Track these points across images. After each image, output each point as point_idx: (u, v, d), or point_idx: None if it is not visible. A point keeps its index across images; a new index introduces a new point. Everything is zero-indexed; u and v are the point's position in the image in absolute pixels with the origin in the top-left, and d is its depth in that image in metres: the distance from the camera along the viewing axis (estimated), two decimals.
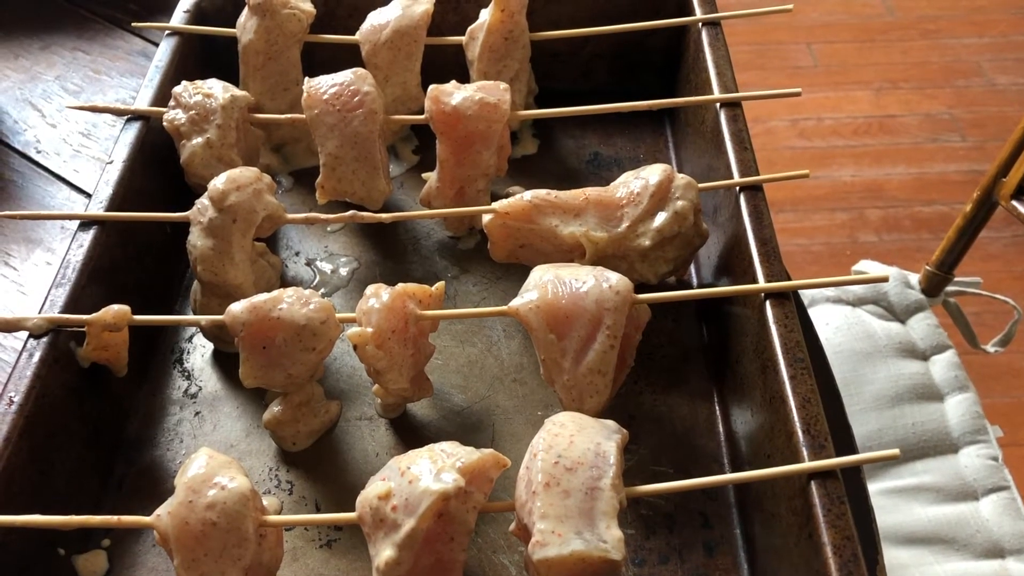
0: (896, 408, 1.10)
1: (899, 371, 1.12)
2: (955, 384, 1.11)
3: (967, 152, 2.06)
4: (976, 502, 1.03)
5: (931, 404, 1.10)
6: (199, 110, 0.69)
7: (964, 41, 2.33)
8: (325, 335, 0.55)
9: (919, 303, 1.17)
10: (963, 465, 1.06)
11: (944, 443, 1.07)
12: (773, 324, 0.55)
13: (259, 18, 0.75)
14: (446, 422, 0.62)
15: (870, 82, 2.23)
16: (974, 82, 2.23)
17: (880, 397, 1.11)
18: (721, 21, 0.77)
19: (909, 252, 1.89)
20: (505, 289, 0.70)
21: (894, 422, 1.09)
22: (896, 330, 1.15)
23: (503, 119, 0.69)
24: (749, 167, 0.65)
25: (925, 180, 2.02)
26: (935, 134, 2.10)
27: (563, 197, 0.64)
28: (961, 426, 1.08)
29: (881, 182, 2.00)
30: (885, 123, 2.14)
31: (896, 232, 1.92)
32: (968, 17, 2.40)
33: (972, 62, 2.28)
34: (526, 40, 0.77)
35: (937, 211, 1.95)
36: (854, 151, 2.07)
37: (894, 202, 1.97)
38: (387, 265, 0.72)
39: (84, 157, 0.82)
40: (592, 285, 0.56)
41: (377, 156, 0.69)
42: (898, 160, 2.05)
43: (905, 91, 2.20)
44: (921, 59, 2.28)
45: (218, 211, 0.61)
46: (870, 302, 1.18)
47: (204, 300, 0.64)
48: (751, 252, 0.59)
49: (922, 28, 2.37)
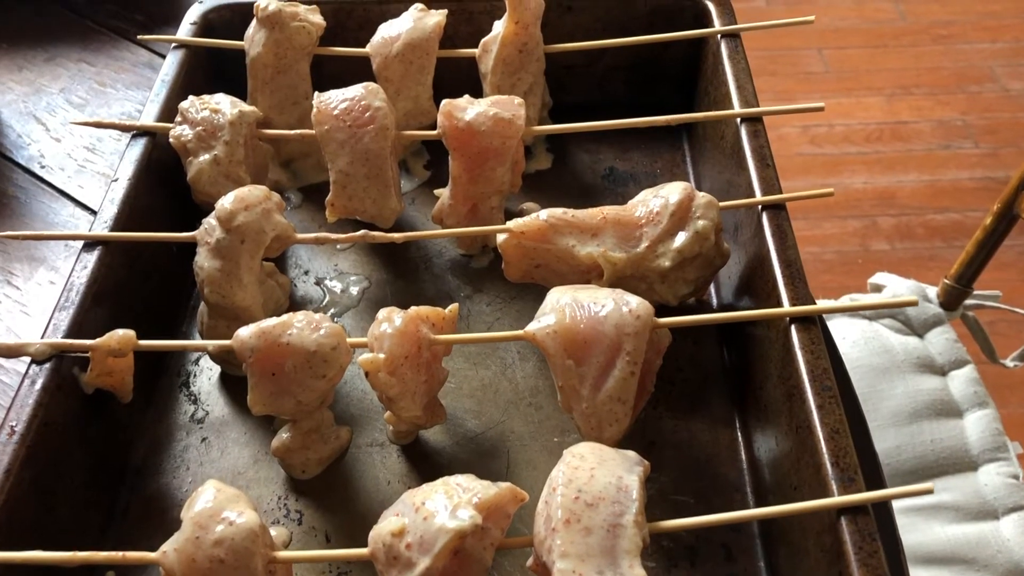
0: (914, 424, 1.08)
1: (917, 387, 1.10)
2: (974, 400, 1.09)
3: (980, 159, 2.04)
4: (996, 521, 1.01)
5: (950, 420, 1.08)
6: (206, 126, 0.67)
7: (977, 46, 2.31)
8: (336, 361, 0.54)
9: (937, 317, 1.15)
10: (983, 483, 1.04)
11: (963, 461, 1.05)
12: (799, 350, 0.53)
13: (268, 31, 0.73)
14: (459, 449, 0.60)
15: (882, 88, 2.21)
16: (987, 88, 2.21)
17: (898, 413, 1.08)
18: (740, 33, 0.75)
19: (922, 261, 1.87)
20: (520, 309, 0.68)
21: (912, 439, 1.07)
22: (914, 345, 1.13)
23: (518, 135, 0.67)
24: (771, 185, 0.63)
25: (938, 187, 2.00)
26: (948, 140, 2.08)
27: (580, 216, 0.62)
28: (980, 443, 1.06)
29: (893, 189, 1.98)
30: (897, 129, 2.12)
31: (909, 240, 1.90)
32: (981, 22, 2.38)
33: (985, 67, 2.26)
34: (540, 53, 0.76)
35: (950, 219, 1.93)
36: (866, 158, 2.06)
37: (907, 210, 1.95)
38: (398, 284, 0.70)
39: (89, 172, 0.81)
40: (611, 309, 0.54)
41: (388, 173, 0.67)
42: (910, 167, 2.03)
43: (917, 97, 2.19)
44: (934, 64, 2.26)
45: (226, 232, 0.59)
46: (887, 316, 1.16)
47: (211, 322, 0.62)
48: (775, 274, 0.57)
49: (934, 33, 2.35)
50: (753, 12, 2.40)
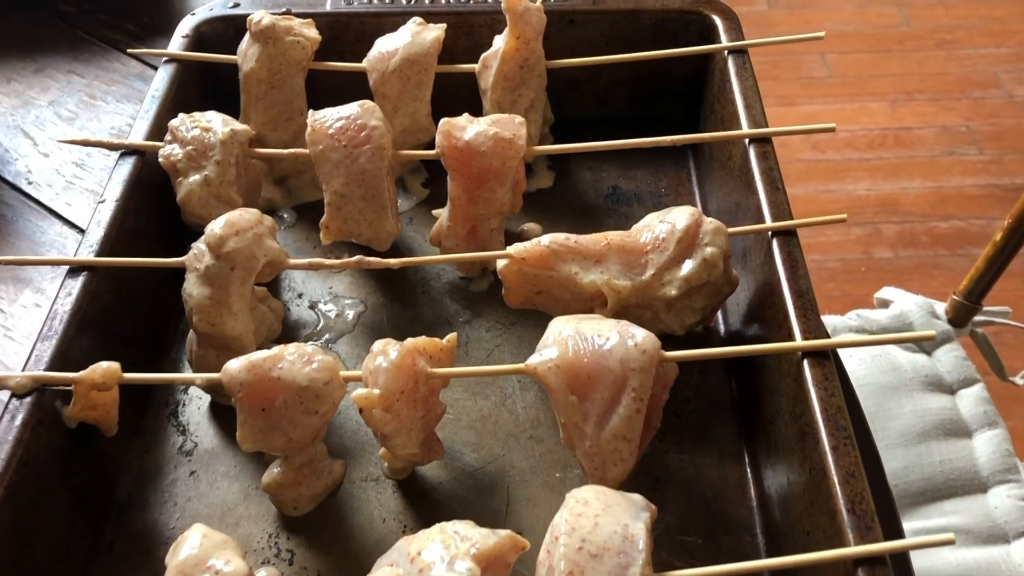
0: (922, 445, 1.05)
1: (925, 405, 1.07)
2: (984, 420, 1.07)
3: (985, 165, 2.02)
4: (1007, 545, 0.99)
5: (959, 441, 1.05)
6: (197, 145, 0.65)
7: (981, 51, 2.29)
8: (329, 397, 0.51)
9: (946, 334, 1.13)
10: (993, 506, 1.02)
11: (973, 482, 1.03)
12: (812, 387, 0.51)
13: (261, 45, 0.71)
14: (457, 484, 0.58)
15: (885, 93, 2.19)
16: (991, 93, 2.19)
17: (906, 433, 1.06)
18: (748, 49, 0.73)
19: (926, 269, 1.85)
20: (520, 335, 0.66)
21: (920, 459, 1.05)
22: (922, 362, 1.11)
23: (518, 155, 0.65)
24: (782, 210, 0.61)
25: (942, 194, 1.98)
26: (952, 147, 2.06)
27: (583, 242, 0.60)
28: (991, 464, 1.04)
29: (897, 196, 1.96)
30: (901, 135, 2.10)
31: (912, 248, 1.88)
32: (985, 27, 2.36)
33: (989, 73, 2.24)
34: (542, 68, 0.73)
35: (954, 226, 1.91)
36: (869, 164, 2.03)
37: (910, 217, 1.93)
38: (395, 308, 0.68)
39: (77, 189, 0.78)
40: (616, 343, 0.52)
41: (385, 195, 0.65)
42: (914, 174, 2.01)
43: (921, 103, 2.17)
44: (937, 70, 2.24)
45: (215, 258, 0.57)
46: (894, 332, 1.13)
47: (200, 351, 0.60)
48: (786, 305, 0.55)
49: (938, 38, 2.33)
50: (755, 16, 2.37)
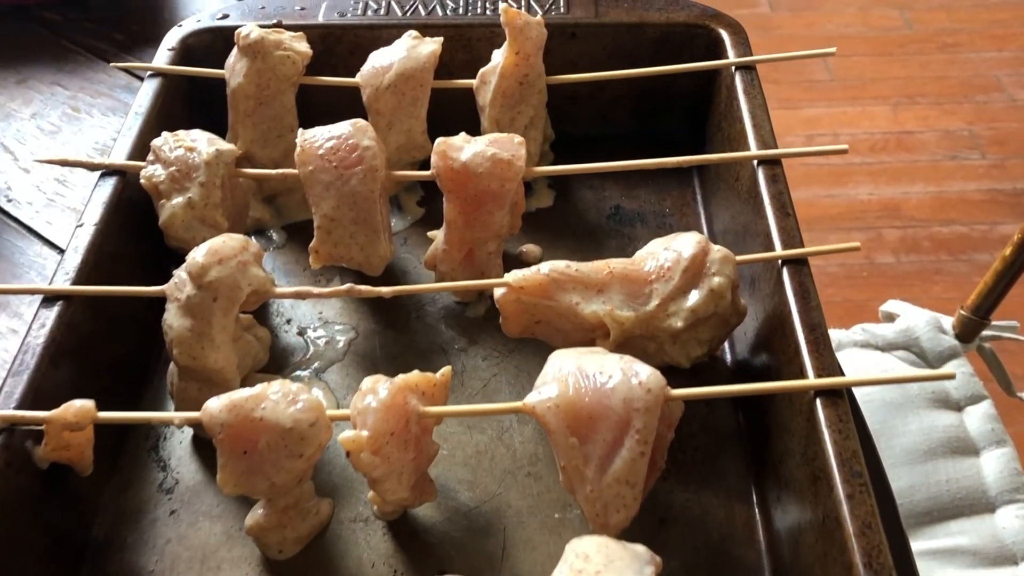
0: (929, 463, 1.03)
1: (932, 423, 1.05)
2: (991, 438, 1.04)
3: (987, 170, 2.00)
4: (1015, 567, 0.96)
5: (966, 459, 1.03)
6: (180, 166, 0.62)
7: (983, 55, 2.27)
8: (314, 439, 0.49)
9: (953, 350, 1.10)
10: (1001, 526, 0.99)
11: (980, 502, 1.00)
12: (826, 429, 0.48)
13: (249, 60, 0.68)
14: (451, 525, 0.55)
15: (887, 97, 2.17)
16: (994, 97, 2.17)
17: (912, 451, 1.04)
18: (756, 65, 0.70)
19: (928, 275, 1.82)
20: (518, 364, 0.63)
21: (926, 478, 1.02)
22: None
23: (517, 177, 0.62)
24: (792, 236, 0.58)
25: (944, 199, 1.96)
26: (954, 151, 2.04)
27: (584, 270, 0.57)
28: (999, 484, 1.01)
29: (899, 201, 1.94)
30: (903, 139, 2.07)
31: (914, 253, 1.86)
32: (988, 30, 2.34)
33: (991, 77, 2.22)
34: (543, 84, 0.71)
35: (956, 232, 1.89)
36: (871, 168, 2.01)
37: (912, 222, 1.91)
38: (387, 335, 0.65)
39: (58, 207, 0.76)
40: (619, 381, 0.49)
41: (378, 218, 0.62)
42: (916, 178, 1.99)
43: (923, 106, 2.14)
44: (940, 73, 2.22)
45: (197, 288, 0.54)
46: (901, 347, 1.11)
47: (182, 384, 0.57)
48: (797, 339, 0.52)
49: (940, 42, 2.31)
50: (757, 19, 2.35)
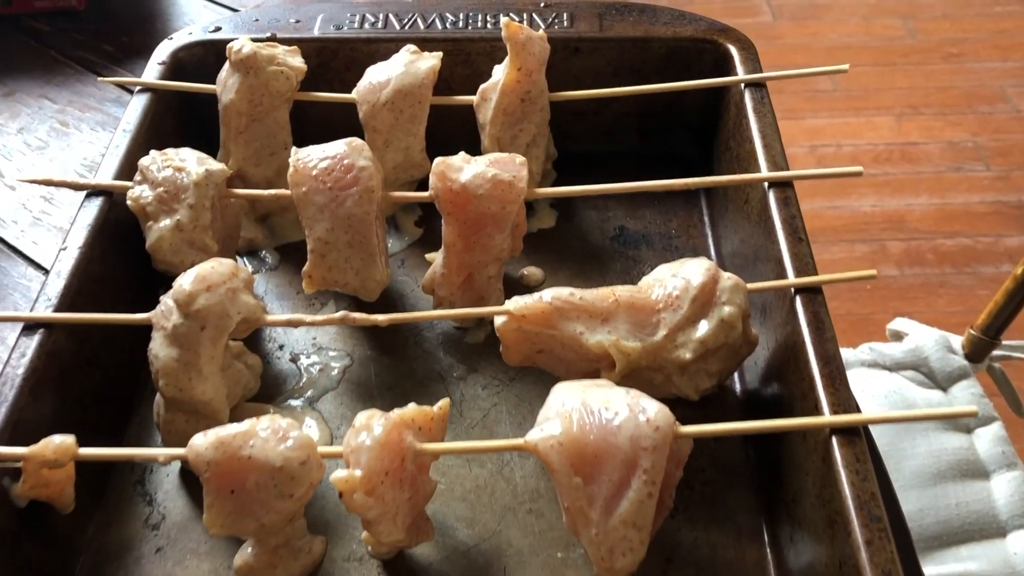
0: (938, 486, 1.00)
1: (941, 445, 1.03)
2: (1002, 460, 1.02)
3: (992, 182, 1.98)
4: None
5: (976, 482, 1.00)
6: (168, 187, 0.60)
7: (988, 65, 2.25)
8: (305, 479, 0.46)
9: (962, 370, 1.08)
10: (1012, 552, 0.97)
11: (991, 526, 0.98)
12: (843, 469, 0.46)
13: (241, 75, 0.66)
14: (449, 564, 0.52)
15: (891, 107, 2.15)
16: (998, 108, 2.15)
17: (921, 474, 1.01)
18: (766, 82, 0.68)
19: (932, 288, 1.80)
20: (519, 393, 0.61)
21: (936, 502, 1.00)
22: (937, 399, 1.06)
23: (519, 199, 0.60)
24: (805, 263, 0.56)
25: (948, 211, 1.93)
26: (958, 163, 2.02)
27: (588, 298, 0.55)
28: (1010, 508, 0.99)
29: (903, 212, 1.92)
30: (907, 151, 2.05)
31: (918, 266, 1.84)
32: (991, 40, 2.32)
33: (996, 87, 2.20)
34: (545, 101, 0.68)
35: (961, 244, 1.87)
36: (874, 180, 1.99)
37: (916, 234, 1.89)
38: (383, 362, 0.63)
39: (44, 226, 0.73)
40: (626, 418, 0.47)
41: (373, 241, 0.60)
42: (920, 190, 1.97)
43: (927, 117, 2.12)
44: (944, 84, 2.20)
45: (184, 316, 0.52)
46: (909, 367, 1.08)
47: (168, 416, 0.55)
48: (812, 372, 0.50)
49: (944, 52, 2.29)
50: (760, 28, 2.33)
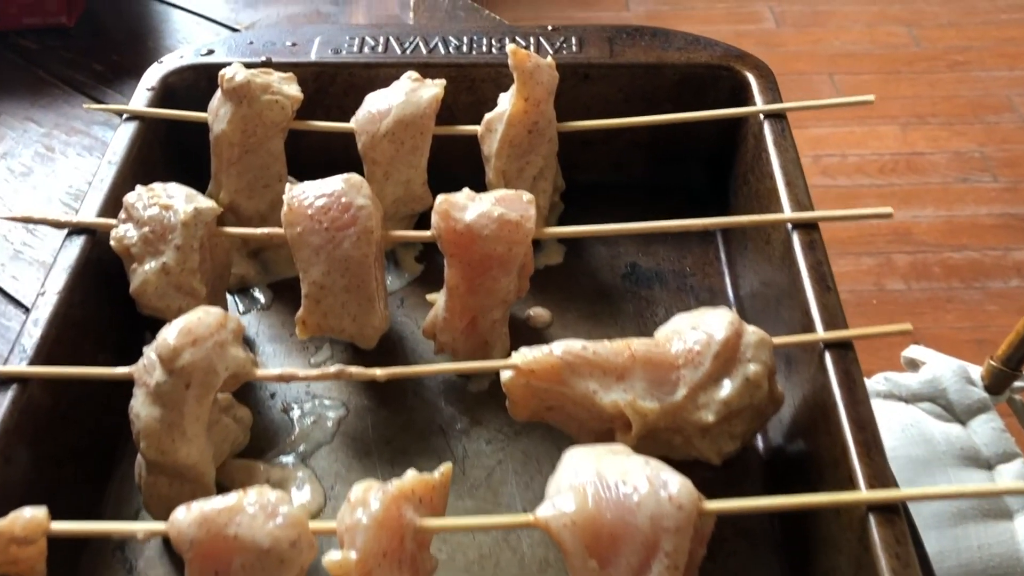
0: (959, 527, 0.96)
1: (961, 483, 0.99)
2: None
3: (999, 193, 1.94)
4: None
5: (999, 523, 0.97)
6: (155, 226, 0.56)
7: (994, 74, 2.22)
8: (295, 562, 0.42)
9: (982, 403, 1.04)
10: None
11: (1015, 570, 0.94)
12: (882, 554, 0.42)
13: (234, 105, 0.62)
14: None
15: (896, 116, 2.12)
16: (1005, 118, 2.11)
17: (940, 513, 0.97)
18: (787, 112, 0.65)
19: (939, 302, 1.77)
20: (526, 449, 0.57)
21: (956, 543, 0.96)
22: (957, 433, 1.02)
23: (526, 240, 0.56)
24: (835, 315, 0.52)
25: (955, 223, 1.90)
26: (965, 173, 1.98)
27: (602, 353, 0.51)
28: None
29: (909, 224, 1.88)
30: (912, 161, 2.02)
31: (925, 280, 1.80)
32: (998, 48, 2.29)
33: (1003, 96, 2.17)
34: (553, 133, 0.65)
35: (968, 258, 1.84)
36: (880, 190, 1.96)
37: (923, 247, 1.85)
38: (381, 413, 0.59)
39: (26, 260, 0.69)
40: (646, 494, 0.43)
41: (372, 284, 0.56)
42: (927, 201, 1.93)
43: (933, 127, 2.09)
44: (949, 93, 2.17)
45: (167, 373, 0.48)
46: (926, 399, 1.05)
47: (150, 479, 0.51)
48: (844, 438, 0.46)
49: (950, 60, 2.26)
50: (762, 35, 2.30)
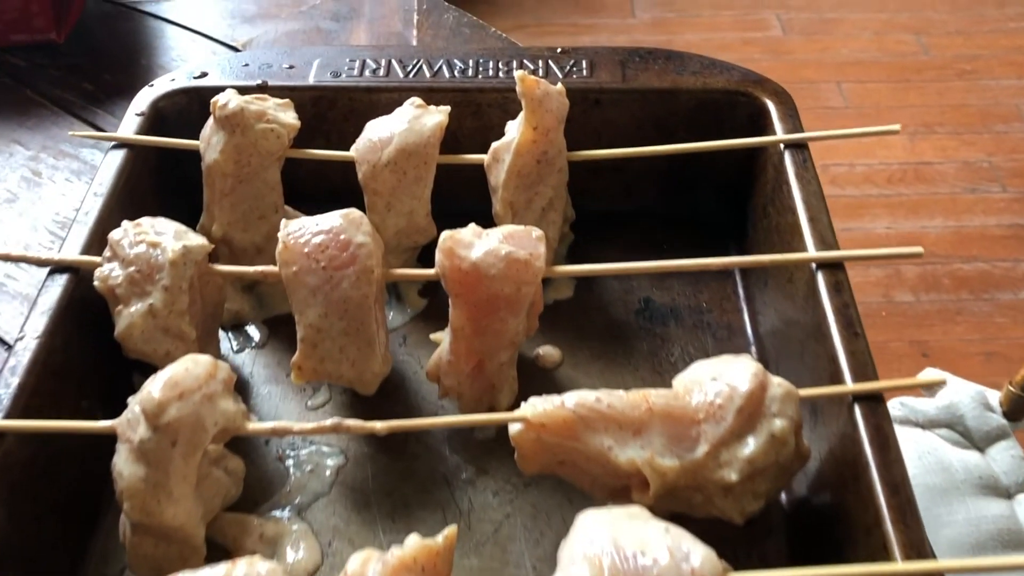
0: (978, 558, 0.93)
1: (980, 512, 0.96)
2: None
3: (1008, 204, 1.91)
4: None
5: (1020, 554, 0.94)
6: (141, 266, 0.53)
7: (1003, 83, 2.19)
8: None
9: (1001, 429, 1.01)
10: None
11: None
12: None
13: (227, 134, 0.59)
14: None
15: (905, 125, 2.09)
16: (1015, 127, 2.09)
17: (959, 543, 0.94)
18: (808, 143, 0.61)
19: (949, 315, 1.74)
20: (536, 502, 0.54)
21: None
22: (975, 461, 0.99)
23: (536, 280, 0.53)
24: (865, 365, 0.49)
25: (964, 234, 1.87)
26: (974, 183, 1.95)
27: (618, 406, 0.48)
28: None
29: (917, 235, 1.85)
30: (921, 170, 1.99)
31: (934, 292, 1.77)
32: (1007, 57, 2.26)
33: (1012, 105, 2.14)
34: (563, 162, 0.62)
35: (978, 269, 1.81)
36: (888, 200, 1.93)
37: (932, 258, 1.82)
38: (381, 461, 0.56)
39: (9, 293, 0.66)
40: (666, 567, 0.40)
41: (372, 327, 0.53)
42: (935, 211, 1.90)
43: (941, 136, 2.06)
44: (958, 102, 2.14)
45: (152, 430, 0.45)
46: (943, 425, 1.02)
47: (135, 538, 0.47)
48: (878, 503, 0.43)
49: (958, 68, 2.23)
50: (769, 42, 2.27)
